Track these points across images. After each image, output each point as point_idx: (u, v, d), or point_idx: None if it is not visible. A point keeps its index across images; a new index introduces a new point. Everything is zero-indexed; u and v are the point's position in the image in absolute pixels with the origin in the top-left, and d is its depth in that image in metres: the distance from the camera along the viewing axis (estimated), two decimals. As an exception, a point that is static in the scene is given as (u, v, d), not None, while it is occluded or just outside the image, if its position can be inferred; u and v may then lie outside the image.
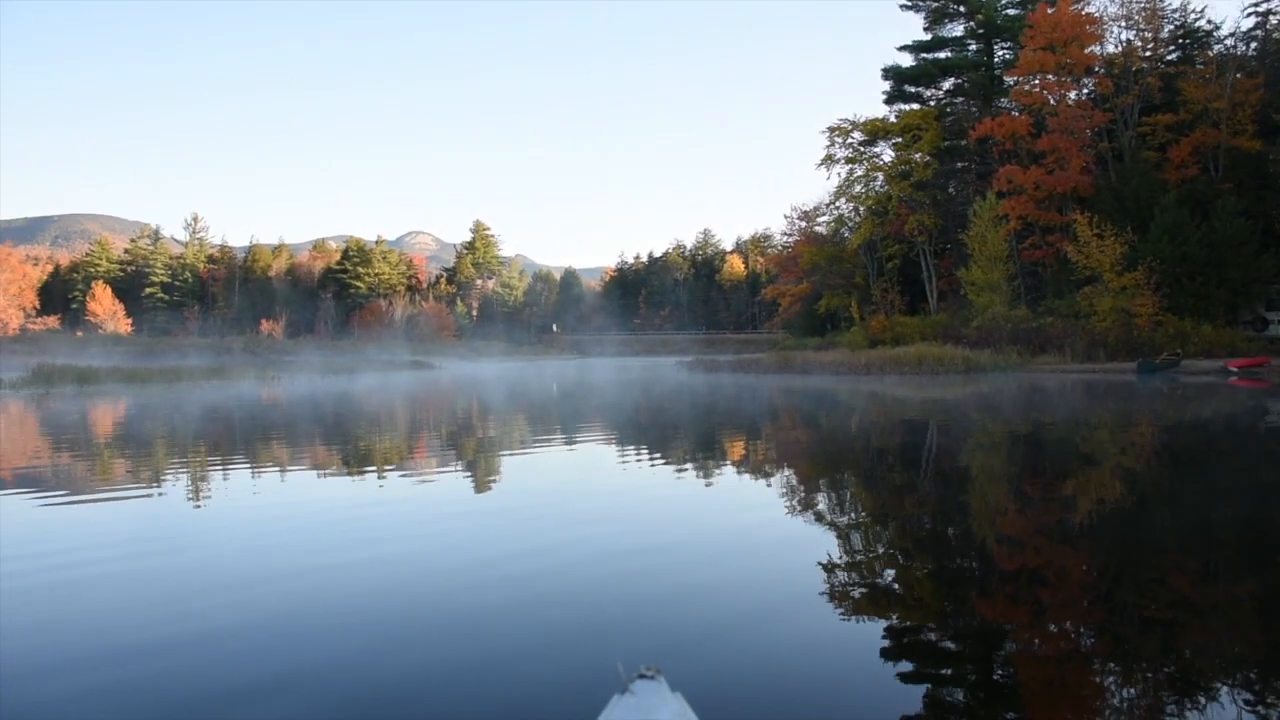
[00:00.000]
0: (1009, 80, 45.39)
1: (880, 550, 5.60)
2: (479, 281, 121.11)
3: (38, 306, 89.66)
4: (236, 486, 8.64)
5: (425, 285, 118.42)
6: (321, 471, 9.89)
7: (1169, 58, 43.39)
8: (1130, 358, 31.13)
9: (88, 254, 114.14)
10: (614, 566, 5.02)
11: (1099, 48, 41.91)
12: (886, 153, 53.59)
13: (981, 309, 39.38)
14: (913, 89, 54.50)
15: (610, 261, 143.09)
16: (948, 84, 53.86)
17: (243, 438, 13.89)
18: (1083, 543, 5.64)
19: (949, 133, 50.18)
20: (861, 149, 53.74)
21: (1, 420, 17.98)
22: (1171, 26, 43.46)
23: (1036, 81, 42.46)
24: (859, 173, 54.29)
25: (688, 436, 13.33)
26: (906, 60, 53.98)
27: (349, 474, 9.66)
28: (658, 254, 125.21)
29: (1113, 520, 6.39)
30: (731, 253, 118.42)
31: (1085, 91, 42.96)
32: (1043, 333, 35.10)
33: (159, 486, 8.65)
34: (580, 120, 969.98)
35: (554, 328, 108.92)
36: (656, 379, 33.70)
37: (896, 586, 4.65)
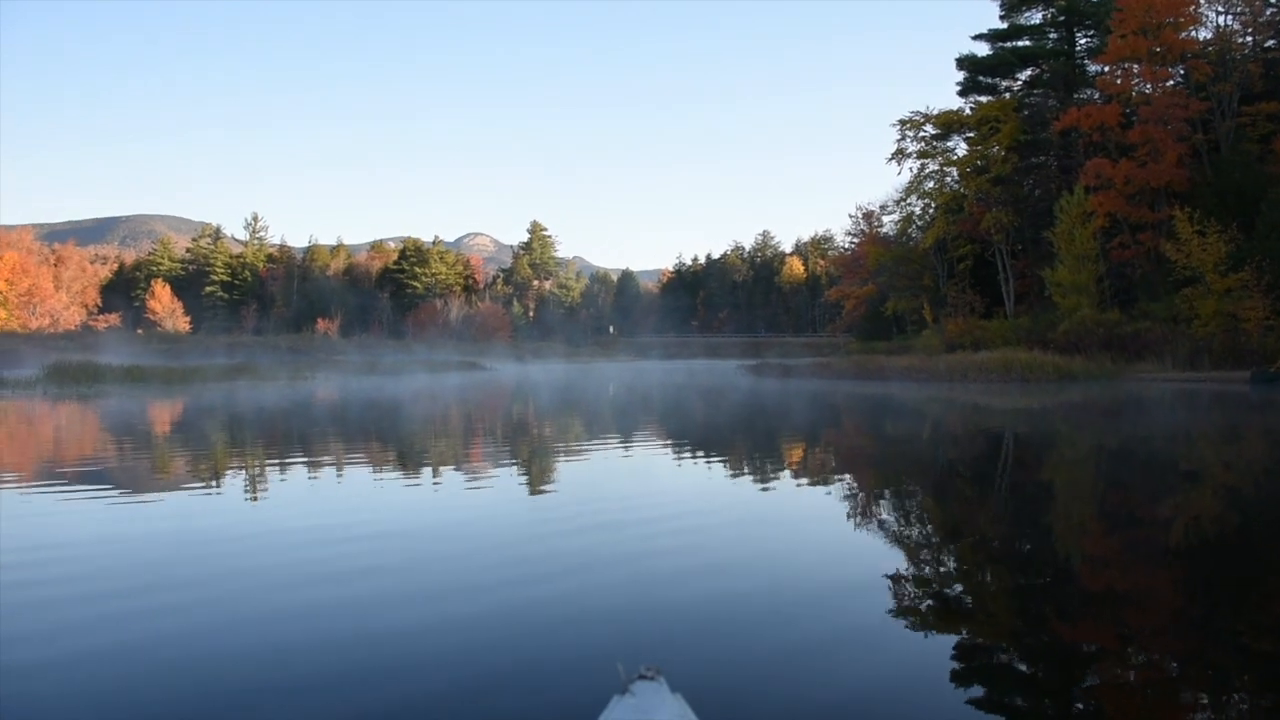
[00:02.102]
0: (1093, 68, 43.49)
1: (978, 565, 5.30)
2: (536, 282, 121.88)
3: (99, 304, 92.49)
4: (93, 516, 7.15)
5: (482, 286, 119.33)
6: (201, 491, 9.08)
7: (1267, 44, 41.05)
8: (1237, 366, 29.40)
9: (150, 253, 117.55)
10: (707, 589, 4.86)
11: (1195, 31, 39.77)
12: (960, 147, 52.20)
13: (1068, 312, 37.48)
14: (988, 80, 52.99)
15: (668, 263, 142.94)
16: (1025, 74, 52.20)
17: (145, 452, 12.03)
18: (1177, 565, 5.33)
19: (1027, 125, 48.28)
20: (934, 143, 52.34)
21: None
22: (1272, 9, 41.11)
23: (1127, 69, 40.45)
24: (931, 168, 53.01)
25: (807, 456, 12.63)
26: (982, 49, 52.57)
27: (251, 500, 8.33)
28: (716, 255, 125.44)
29: (1213, 543, 6.04)
30: (791, 254, 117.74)
31: (1179, 79, 40.77)
32: (1139, 338, 33.25)
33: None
34: (639, 122, 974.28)
35: (610, 329, 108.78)
36: (726, 385, 33.05)
37: (968, 600, 4.42)
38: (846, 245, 73.08)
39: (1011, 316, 45.48)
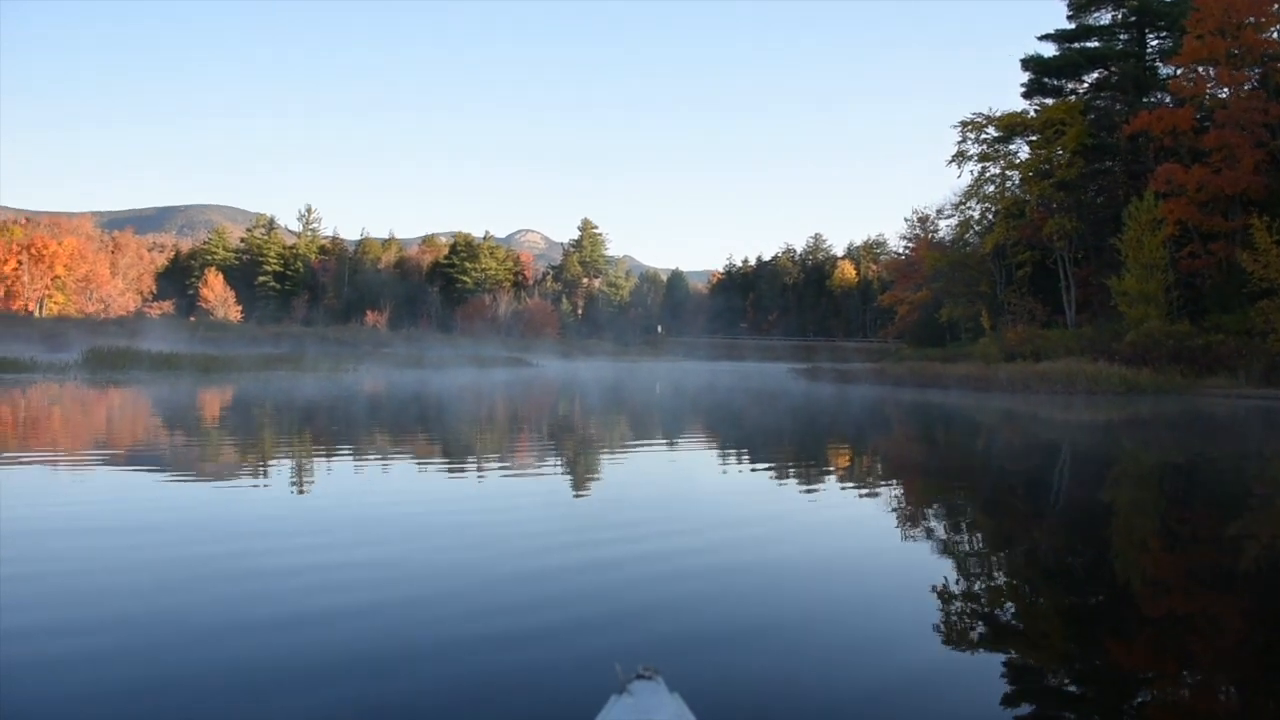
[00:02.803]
0: (1165, 70, 42.29)
1: (1031, 581, 5.10)
2: (585, 280, 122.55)
3: (154, 291, 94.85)
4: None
5: (531, 282, 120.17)
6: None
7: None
8: None
9: (205, 242, 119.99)
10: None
11: (1275, 32, 38.41)
12: (1023, 151, 51.21)
13: (1135, 322, 36.41)
14: (1054, 82, 51.94)
15: (718, 264, 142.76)
16: (1093, 76, 51.11)
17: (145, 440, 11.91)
18: (1244, 591, 5.06)
19: (1094, 128, 47.16)
20: (996, 146, 51.45)
21: None
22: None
23: (1202, 71, 39.24)
24: (992, 171, 52.20)
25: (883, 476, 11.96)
26: (1049, 50, 51.55)
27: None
28: (767, 257, 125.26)
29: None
30: (843, 258, 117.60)
31: (1255, 82, 39.45)
32: (1211, 351, 32.12)
33: None
34: (692, 122, 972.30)
35: (659, 329, 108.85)
36: (779, 388, 32.73)
37: (1018, 618, 4.24)
38: (900, 250, 72.90)
39: (1072, 326, 44.52)
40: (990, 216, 52.88)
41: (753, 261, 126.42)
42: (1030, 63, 51.47)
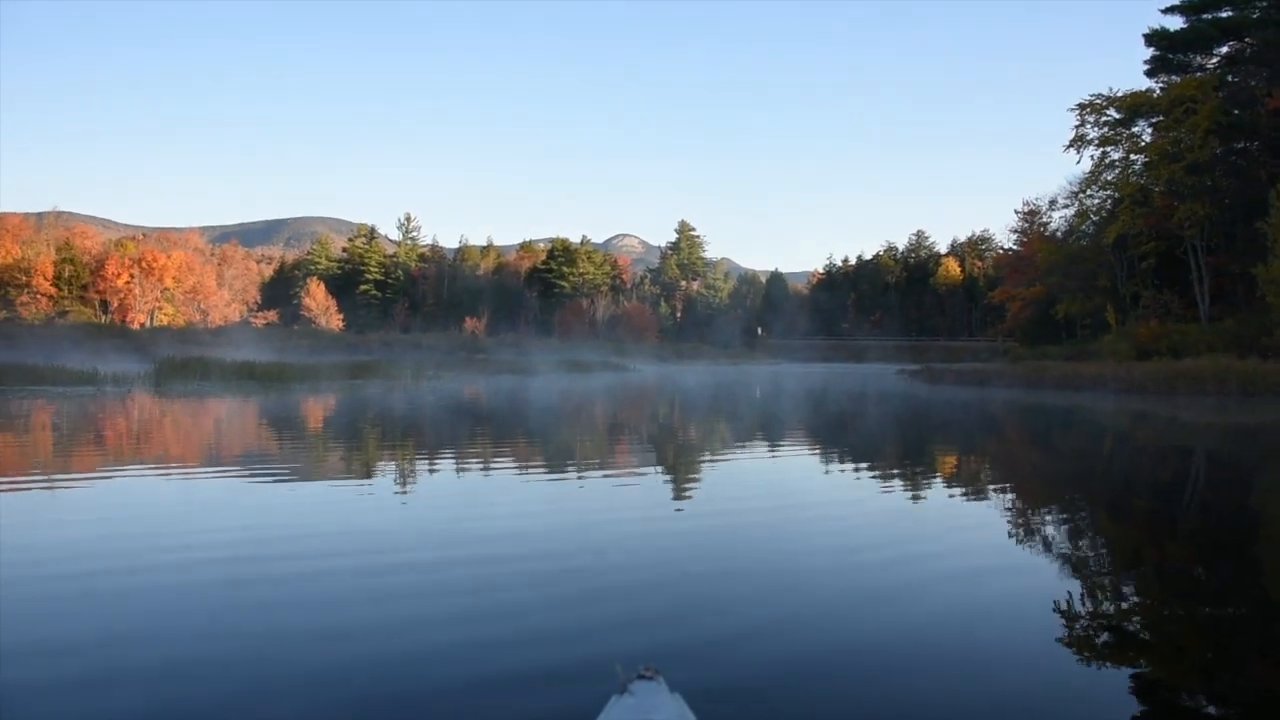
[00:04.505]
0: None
1: (1166, 594, 4.83)
2: (683, 283, 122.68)
3: (259, 301, 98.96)
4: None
5: (629, 285, 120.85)
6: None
7: None
8: None
9: (309, 253, 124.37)
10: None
11: None
12: (1147, 133, 48.70)
13: (1286, 315, 34.09)
14: (1181, 56, 49.22)
15: (817, 264, 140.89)
16: (1225, 49, 48.18)
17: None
18: None
19: (1229, 106, 44.59)
20: (1118, 129, 49.01)
21: None
22: None
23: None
24: (1114, 156, 49.75)
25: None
26: (1175, 23, 48.89)
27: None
28: (868, 256, 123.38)
29: None
30: (946, 255, 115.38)
31: None
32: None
33: None
34: (788, 121, 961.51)
35: (759, 331, 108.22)
36: (893, 391, 31.86)
37: (1148, 631, 4.04)
38: (1009, 245, 71.38)
39: (1206, 319, 42.17)
40: (1110, 205, 50.59)
41: (853, 261, 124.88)
42: (1155, 38, 48.93)
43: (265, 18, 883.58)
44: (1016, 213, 69.39)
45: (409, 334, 79.91)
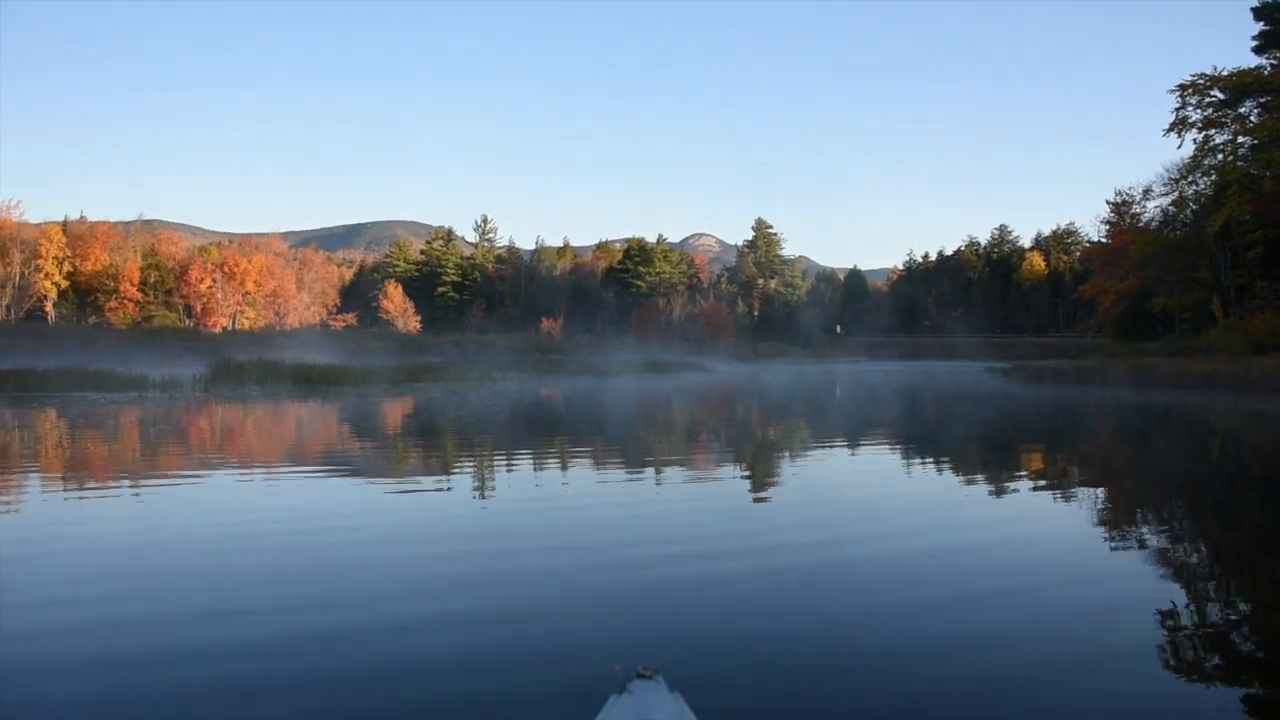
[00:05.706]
0: None
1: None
2: (761, 281, 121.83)
3: (338, 304, 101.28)
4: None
5: (706, 284, 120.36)
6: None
7: None
8: None
9: (387, 256, 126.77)
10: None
11: None
12: (1255, 114, 46.23)
13: None
14: (1296, 29, 46.39)
15: (897, 260, 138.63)
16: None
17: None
18: None
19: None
20: (1224, 110, 46.61)
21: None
22: None
23: None
24: (1219, 139, 47.34)
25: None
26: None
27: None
28: (949, 252, 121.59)
29: None
30: (1030, 249, 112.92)
31: None
32: None
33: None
34: (866, 115, 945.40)
35: (838, 329, 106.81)
36: (990, 390, 30.64)
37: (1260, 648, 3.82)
38: (1098, 237, 69.39)
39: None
40: (1213, 192, 48.27)
41: (934, 256, 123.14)
42: (1265, 11, 46.34)
43: (345, 26, 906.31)
44: (1108, 203, 66.79)
45: (485, 335, 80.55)
